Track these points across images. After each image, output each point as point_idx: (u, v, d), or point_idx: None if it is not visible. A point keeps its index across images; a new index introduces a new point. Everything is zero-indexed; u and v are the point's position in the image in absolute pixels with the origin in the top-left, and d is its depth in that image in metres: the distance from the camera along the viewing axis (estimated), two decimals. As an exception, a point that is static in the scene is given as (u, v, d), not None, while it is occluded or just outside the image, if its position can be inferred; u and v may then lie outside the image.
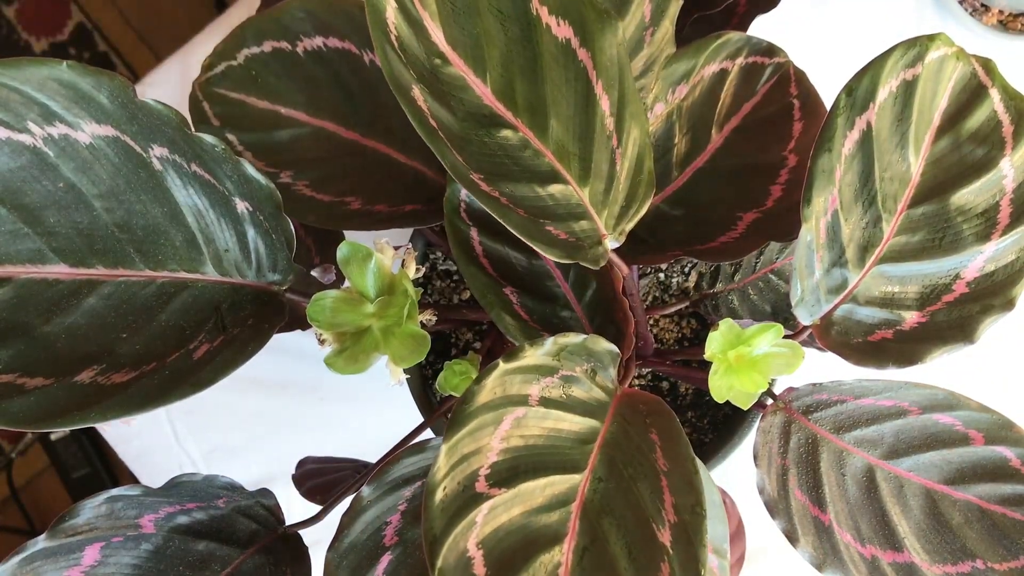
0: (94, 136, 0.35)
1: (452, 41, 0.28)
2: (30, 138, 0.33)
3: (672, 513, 0.32)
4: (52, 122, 0.34)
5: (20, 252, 0.34)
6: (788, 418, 0.41)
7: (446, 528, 0.31)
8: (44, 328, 0.35)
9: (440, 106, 0.29)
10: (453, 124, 0.29)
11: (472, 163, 0.29)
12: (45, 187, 0.34)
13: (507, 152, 0.31)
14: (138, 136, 0.35)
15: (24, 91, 0.33)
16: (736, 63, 0.44)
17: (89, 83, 0.34)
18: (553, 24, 0.30)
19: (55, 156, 0.34)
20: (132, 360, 0.36)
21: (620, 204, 0.35)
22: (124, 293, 0.37)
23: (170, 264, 0.37)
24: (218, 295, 0.39)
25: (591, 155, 0.33)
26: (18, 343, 0.34)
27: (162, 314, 0.37)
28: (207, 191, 0.38)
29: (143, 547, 0.39)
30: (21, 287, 0.35)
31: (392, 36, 0.27)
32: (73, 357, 0.35)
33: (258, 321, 0.39)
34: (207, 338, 0.37)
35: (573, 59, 0.31)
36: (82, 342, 0.35)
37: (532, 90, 0.31)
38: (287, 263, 0.40)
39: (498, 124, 0.30)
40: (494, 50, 0.29)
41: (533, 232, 0.31)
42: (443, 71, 0.29)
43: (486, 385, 0.34)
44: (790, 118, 0.44)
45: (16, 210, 0.34)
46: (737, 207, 0.43)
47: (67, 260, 0.35)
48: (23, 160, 0.34)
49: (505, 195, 0.30)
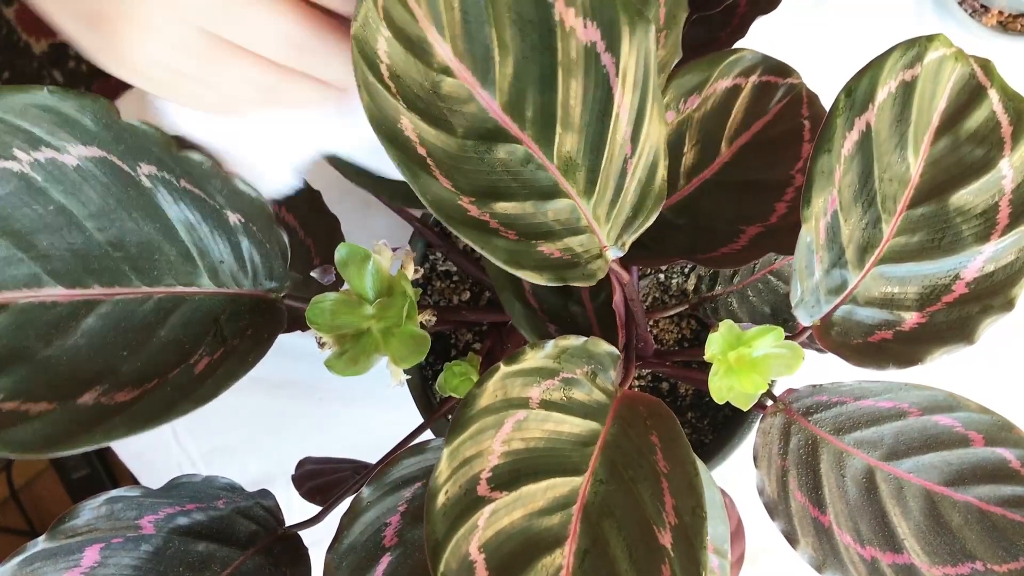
0: (81, 158, 0.34)
1: (459, 54, 0.28)
2: (17, 165, 0.33)
3: (673, 515, 0.32)
4: (38, 147, 0.34)
5: (16, 277, 0.35)
6: (788, 419, 0.41)
7: (448, 532, 0.31)
8: (45, 352, 0.35)
9: (435, 128, 0.28)
10: (449, 144, 0.29)
11: (464, 186, 0.29)
12: (36, 211, 0.34)
13: (507, 167, 0.30)
14: (125, 155, 0.35)
15: (6, 120, 0.33)
16: (749, 80, 0.44)
17: (72, 106, 0.34)
18: (579, 27, 0.29)
19: (43, 180, 0.34)
20: (134, 378, 0.36)
21: (627, 215, 0.35)
22: (122, 311, 0.37)
23: (166, 279, 0.38)
24: (216, 307, 0.39)
25: (600, 166, 0.32)
26: (20, 369, 0.34)
27: (161, 330, 0.37)
28: (198, 205, 0.38)
29: (143, 548, 0.39)
30: (19, 312, 0.35)
31: (382, 67, 0.27)
32: (75, 379, 0.35)
33: (257, 331, 0.39)
34: (207, 351, 0.38)
35: (595, 64, 0.30)
36: (84, 363, 0.35)
37: (544, 101, 0.30)
38: (283, 270, 0.40)
39: (502, 138, 0.30)
40: (507, 59, 0.29)
41: (519, 258, 0.31)
42: (444, 87, 0.28)
43: (487, 388, 0.34)
44: (800, 139, 0.44)
45: (8, 236, 0.34)
46: (740, 220, 0.43)
47: (63, 282, 0.35)
48: (11, 187, 0.34)
49: (497, 216, 0.30)
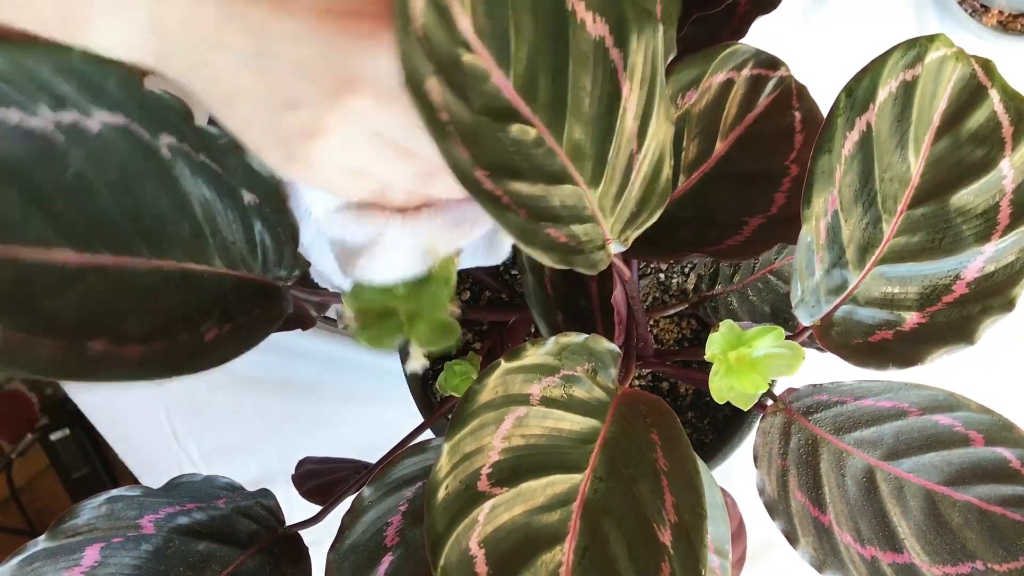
0: (104, 124, 0.34)
1: (479, 30, 0.28)
2: (41, 123, 0.33)
3: (673, 513, 0.32)
4: (63, 107, 0.33)
5: (27, 234, 0.34)
6: (788, 419, 0.41)
7: (448, 527, 0.31)
8: (48, 304, 0.34)
9: (456, 97, 0.28)
10: (467, 116, 0.29)
11: (480, 158, 0.29)
12: (55, 173, 0.34)
13: (519, 148, 0.30)
14: (148, 125, 0.35)
15: (36, 76, 0.33)
16: (742, 74, 0.45)
17: (98, 72, 0.34)
18: (589, 21, 0.30)
19: (65, 143, 0.34)
20: (140, 337, 0.36)
21: (631, 210, 0.35)
22: (129, 279, 0.36)
23: (176, 252, 0.37)
24: (223, 286, 0.39)
25: (607, 158, 0.32)
26: (26, 317, 0.34)
27: (167, 299, 0.37)
28: (215, 182, 0.37)
29: (143, 547, 0.40)
30: (27, 267, 0.34)
31: (416, 25, 0.27)
32: (79, 328, 0.35)
33: (263, 312, 0.39)
34: (215, 324, 0.37)
35: (604, 58, 0.30)
36: (88, 317, 0.35)
37: (555, 88, 0.30)
38: (292, 258, 0.40)
39: (515, 119, 0.30)
40: (522, 43, 0.29)
41: (531, 236, 0.31)
42: (465, 60, 0.28)
43: (488, 384, 0.34)
44: (791, 130, 0.45)
45: (25, 194, 0.34)
46: (743, 212, 0.44)
47: (74, 245, 0.35)
48: (34, 145, 0.33)
49: (510, 193, 0.30)
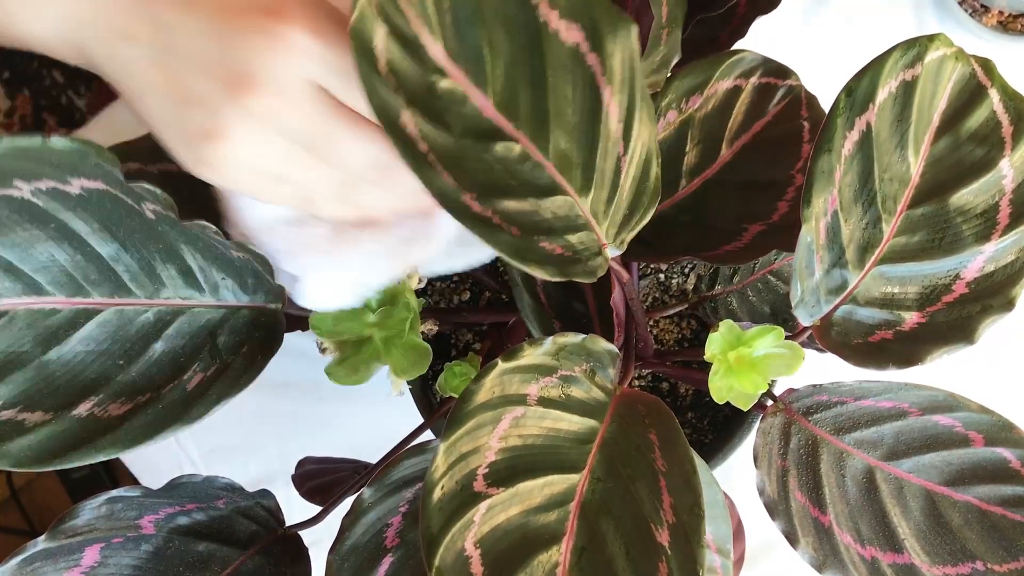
0: (83, 188, 0.34)
1: (452, 54, 0.28)
2: (18, 192, 0.33)
3: (670, 513, 0.32)
4: (39, 179, 0.33)
5: (16, 286, 0.35)
6: (788, 419, 0.41)
7: (444, 527, 0.31)
8: (43, 358, 0.35)
9: (434, 126, 0.28)
10: (448, 142, 0.29)
11: (466, 182, 0.29)
12: (37, 228, 0.34)
13: (505, 166, 0.30)
14: (129, 194, 0.35)
15: (3, 162, 0.32)
16: (750, 82, 0.45)
17: (75, 155, 0.33)
18: (562, 29, 0.29)
19: (44, 204, 0.34)
20: (128, 391, 0.36)
21: (623, 212, 0.35)
22: (121, 319, 0.37)
23: (166, 292, 0.38)
24: (214, 319, 0.39)
25: (595, 164, 0.32)
26: (18, 376, 0.35)
27: (158, 341, 0.38)
28: (203, 238, 0.38)
29: (143, 548, 0.40)
30: (19, 318, 0.35)
31: (381, 63, 0.27)
32: (72, 388, 0.35)
33: (252, 349, 0.40)
34: (201, 368, 0.38)
35: (581, 65, 0.30)
36: (80, 371, 0.36)
37: (536, 100, 0.30)
38: (281, 284, 0.41)
39: (498, 137, 0.30)
40: (498, 60, 0.29)
41: (524, 253, 0.31)
42: (440, 86, 0.28)
43: (485, 384, 0.34)
44: (799, 140, 0.44)
45: (9, 248, 0.34)
46: (743, 219, 0.44)
47: (64, 291, 0.36)
48: (12, 208, 0.33)
49: (500, 213, 0.30)
